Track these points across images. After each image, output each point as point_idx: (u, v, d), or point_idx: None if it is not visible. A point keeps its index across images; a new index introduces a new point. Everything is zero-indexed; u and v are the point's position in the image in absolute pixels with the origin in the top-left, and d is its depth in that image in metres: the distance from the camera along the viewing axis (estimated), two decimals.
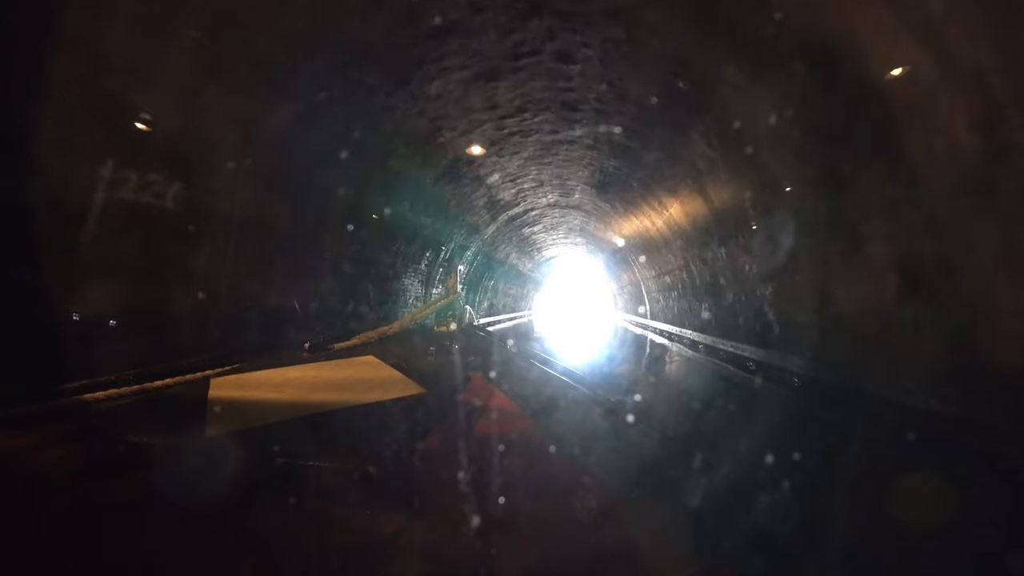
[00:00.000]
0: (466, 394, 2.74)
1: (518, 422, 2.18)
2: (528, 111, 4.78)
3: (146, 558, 1.21)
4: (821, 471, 2.20)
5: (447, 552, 1.22)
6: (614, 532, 1.32)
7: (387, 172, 5.13)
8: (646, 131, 4.76)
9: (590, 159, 6.07)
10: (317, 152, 4.07)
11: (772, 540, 1.39)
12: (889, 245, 2.75)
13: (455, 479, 1.55)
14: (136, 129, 2.66)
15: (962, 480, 2.05)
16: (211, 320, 3.54)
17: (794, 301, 4.01)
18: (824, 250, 3.42)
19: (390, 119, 4.37)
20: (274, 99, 3.39)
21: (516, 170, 6.53)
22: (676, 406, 3.84)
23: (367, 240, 5.50)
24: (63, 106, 2.27)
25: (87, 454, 1.90)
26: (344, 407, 2.35)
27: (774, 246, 3.86)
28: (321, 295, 5.04)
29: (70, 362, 2.54)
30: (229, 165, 3.33)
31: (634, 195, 6.75)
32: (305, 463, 1.66)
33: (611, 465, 1.81)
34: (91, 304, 2.60)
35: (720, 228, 4.91)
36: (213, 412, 2.22)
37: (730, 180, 4.26)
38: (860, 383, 3.03)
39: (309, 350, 4.22)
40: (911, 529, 1.62)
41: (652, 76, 3.82)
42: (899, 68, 2.28)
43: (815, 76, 2.78)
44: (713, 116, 3.87)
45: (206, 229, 3.35)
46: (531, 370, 3.90)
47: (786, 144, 3.34)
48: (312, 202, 4.82)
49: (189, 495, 1.38)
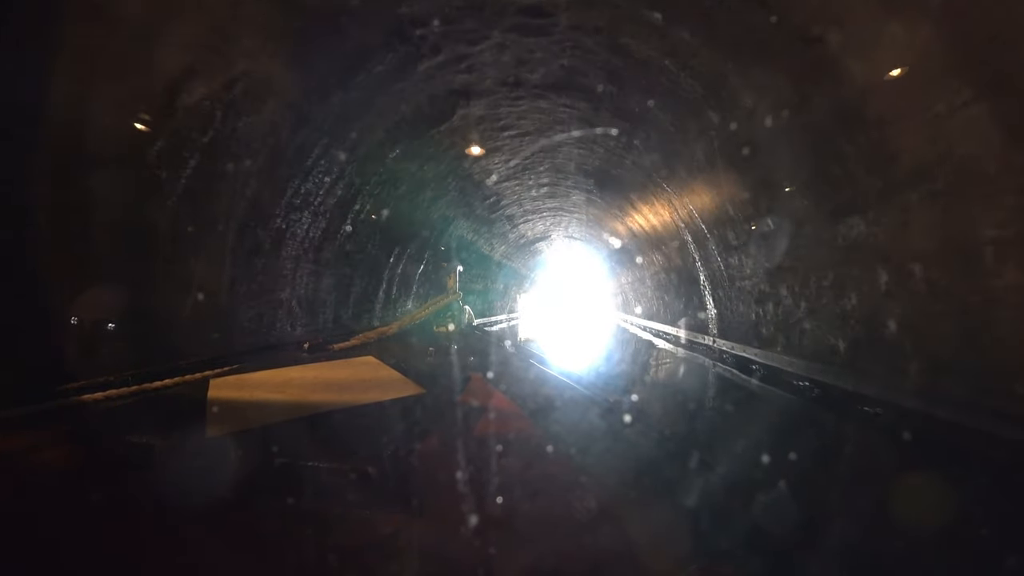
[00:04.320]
0: (465, 394, 2.74)
1: (516, 422, 2.19)
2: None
3: (145, 558, 1.21)
4: (813, 466, 2.21)
5: (446, 552, 1.23)
6: (612, 531, 1.33)
7: (387, 172, 5.12)
8: (643, 131, 4.76)
9: (588, 159, 6.02)
10: (317, 152, 4.07)
11: (770, 539, 1.40)
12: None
13: (454, 479, 1.55)
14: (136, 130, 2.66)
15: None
16: (210, 320, 3.54)
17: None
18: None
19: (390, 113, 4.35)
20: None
21: (511, 172, 6.48)
22: (673, 405, 3.85)
23: (366, 240, 5.50)
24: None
25: (86, 454, 1.90)
26: (343, 407, 2.36)
27: (770, 246, 3.87)
28: (320, 295, 5.05)
29: (69, 362, 2.54)
30: (229, 167, 3.33)
31: (632, 195, 6.72)
32: (304, 463, 1.67)
33: (609, 465, 1.82)
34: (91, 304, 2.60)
35: (719, 228, 4.89)
36: (212, 412, 2.22)
37: (729, 180, 4.26)
38: (853, 382, 3.06)
39: (308, 350, 4.23)
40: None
41: (650, 73, 3.83)
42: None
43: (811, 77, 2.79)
44: (711, 116, 3.88)
45: (206, 230, 3.35)
46: (529, 370, 3.90)
47: (784, 145, 3.36)
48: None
49: (188, 495, 1.39)
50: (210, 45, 2.69)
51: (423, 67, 3.76)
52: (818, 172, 3.08)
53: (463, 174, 6.20)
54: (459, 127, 4.96)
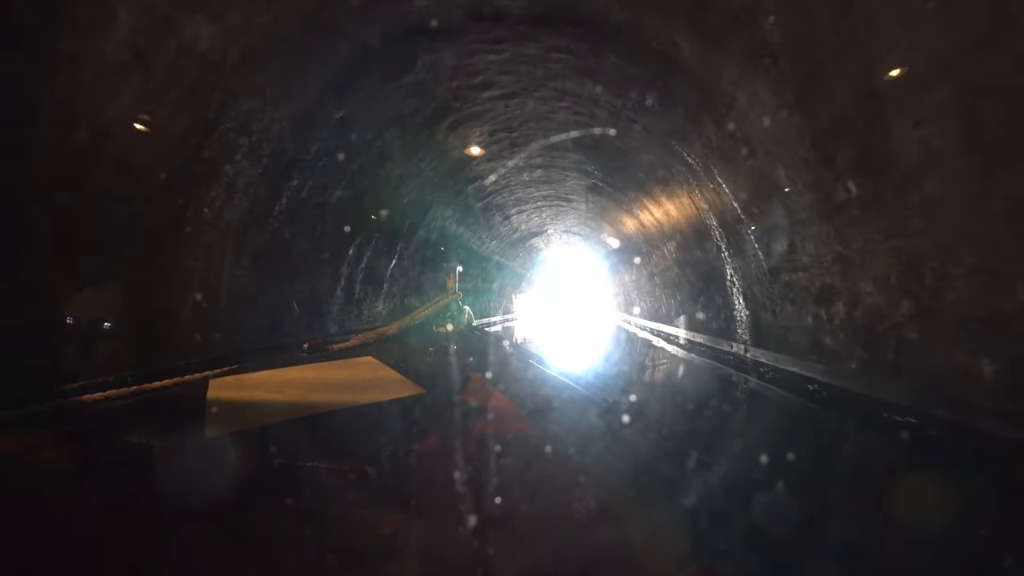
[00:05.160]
0: (464, 394, 2.75)
1: (515, 422, 2.19)
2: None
3: (144, 559, 1.21)
4: (811, 461, 2.21)
5: (445, 552, 1.23)
6: (611, 531, 1.34)
7: (386, 171, 5.10)
8: (642, 131, 4.69)
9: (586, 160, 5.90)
10: (315, 153, 4.05)
11: (768, 538, 1.41)
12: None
13: (453, 479, 1.56)
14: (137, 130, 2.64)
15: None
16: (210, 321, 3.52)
17: (790, 301, 3.73)
18: (821, 250, 3.19)
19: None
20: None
21: (509, 173, 6.30)
22: (671, 405, 3.84)
23: (365, 241, 5.47)
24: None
25: (86, 454, 1.90)
26: (343, 408, 2.36)
27: (769, 247, 3.86)
28: (319, 296, 5.03)
29: (68, 363, 2.53)
30: (227, 168, 3.31)
31: (630, 196, 6.68)
32: (303, 464, 1.67)
33: (608, 465, 1.82)
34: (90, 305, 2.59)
35: (717, 229, 4.87)
36: (212, 413, 2.23)
37: (727, 181, 4.24)
38: (842, 380, 3.01)
39: (308, 350, 4.22)
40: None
41: (648, 73, 3.75)
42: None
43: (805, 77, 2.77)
44: (710, 116, 3.85)
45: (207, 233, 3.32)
46: (528, 370, 3.91)
47: (781, 144, 3.34)
48: (311, 203, 4.31)
49: (187, 495, 1.39)
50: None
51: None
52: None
53: (438, 148, 5.09)
54: (426, 82, 3.97)
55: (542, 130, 5.06)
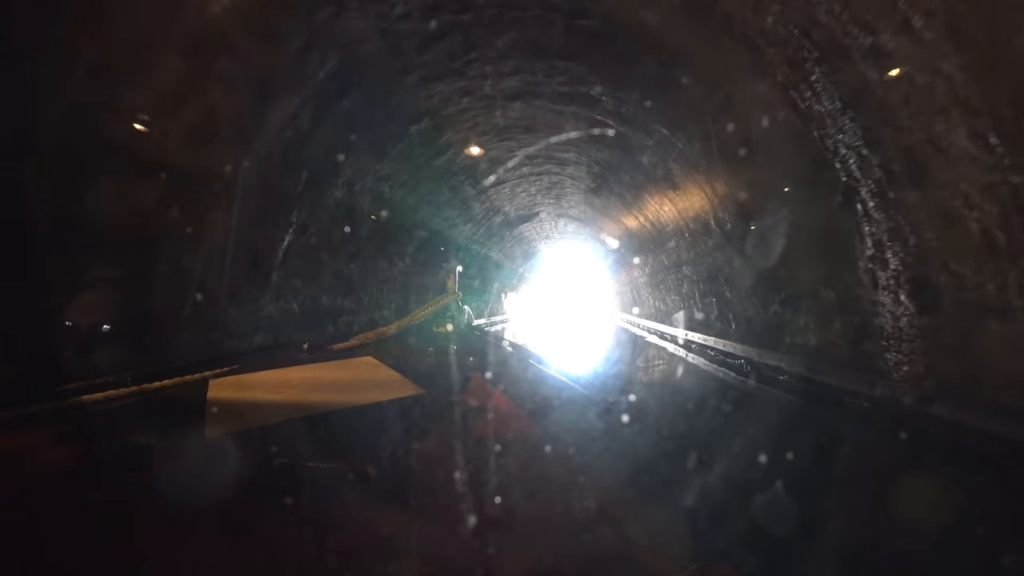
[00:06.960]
0: (464, 394, 2.75)
1: (515, 422, 2.20)
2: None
3: (144, 558, 1.22)
4: (810, 459, 2.21)
5: (445, 552, 1.24)
6: (611, 531, 1.34)
7: (386, 171, 5.09)
8: (641, 131, 4.68)
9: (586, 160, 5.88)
10: (314, 152, 4.05)
11: (766, 537, 1.41)
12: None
13: (453, 479, 1.56)
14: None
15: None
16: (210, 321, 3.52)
17: (788, 301, 3.72)
18: (819, 251, 3.20)
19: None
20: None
21: (508, 173, 6.25)
22: (670, 405, 3.85)
23: (364, 242, 5.47)
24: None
25: (86, 454, 1.91)
26: (343, 408, 2.36)
27: (767, 247, 3.86)
28: (319, 296, 5.02)
29: (68, 363, 2.53)
30: (227, 168, 3.31)
31: (628, 196, 6.66)
32: (303, 464, 1.68)
33: (607, 464, 1.83)
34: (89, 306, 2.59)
35: (716, 229, 4.87)
36: (212, 413, 2.23)
37: (726, 181, 4.24)
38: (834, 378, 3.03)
39: (308, 351, 4.22)
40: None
41: (648, 74, 3.73)
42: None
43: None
44: (709, 116, 3.84)
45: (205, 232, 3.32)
46: (528, 370, 3.91)
47: (781, 144, 3.34)
48: (311, 203, 4.20)
49: (187, 496, 1.39)
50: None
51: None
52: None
53: (438, 148, 4.75)
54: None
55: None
